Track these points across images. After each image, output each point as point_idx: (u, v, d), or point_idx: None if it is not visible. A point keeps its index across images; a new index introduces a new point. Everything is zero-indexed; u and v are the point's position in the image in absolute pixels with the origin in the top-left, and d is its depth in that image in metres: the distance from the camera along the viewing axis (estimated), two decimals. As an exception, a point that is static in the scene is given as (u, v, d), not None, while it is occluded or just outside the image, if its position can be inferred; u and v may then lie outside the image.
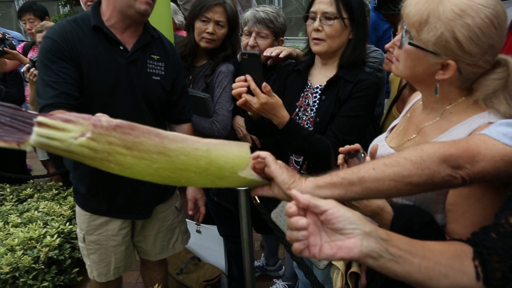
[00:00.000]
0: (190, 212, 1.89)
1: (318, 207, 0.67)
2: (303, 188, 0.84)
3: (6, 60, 3.11)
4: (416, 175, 0.79)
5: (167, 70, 1.60)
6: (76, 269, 2.55)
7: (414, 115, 1.15)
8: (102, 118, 0.73)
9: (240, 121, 2.07)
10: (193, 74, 2.02)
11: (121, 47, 1.48)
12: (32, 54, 3.36)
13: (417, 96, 1.22)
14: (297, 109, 1.60)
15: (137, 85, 1.51)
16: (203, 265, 2.41)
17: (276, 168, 0.86)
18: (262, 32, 1.91)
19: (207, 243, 2.37)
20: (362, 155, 1.08)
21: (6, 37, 3.09)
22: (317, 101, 1.56)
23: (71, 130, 0.72)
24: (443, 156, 0.78)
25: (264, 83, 1.28)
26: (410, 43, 0.95)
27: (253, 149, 2.27)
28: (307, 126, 1.54)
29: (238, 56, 2.15)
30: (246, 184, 0.89)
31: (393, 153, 0.90)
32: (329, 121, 1.50)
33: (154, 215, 1.74)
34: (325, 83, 1.54)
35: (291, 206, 0.68)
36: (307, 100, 1.59)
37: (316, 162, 1.52)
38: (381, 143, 1.19)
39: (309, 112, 1.57)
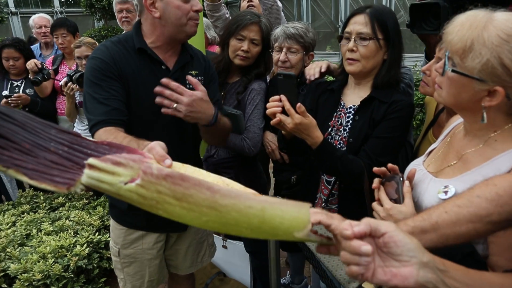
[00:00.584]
0: None
1: (378, 230, 0.65)
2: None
3: (46, 84, 3.29)
4: (495, 213, 0.75)
5: (206, 83, 1.63)
6: (103, 279, 2.59)
7: (454, 140, 1.12)
8: (153, 165, 0.73)
9: (269, 136, 2.08)
10: (225, 91, 2.05)
11: (163, 67, 1.52)
12: (63, 67, 3.50)
13: (456, 120, 1.19)
14: (329, 129, 1.59)
15: None
16: (228, 281, 2.40)
17: (335, 223, 0.81)
18: (292, 47, 1.94)
19: (233, 259, 2.36)
20: (401, 179, 1.06)
21: (44, 66, 3.25)
22: (350, 121, 1.54)
23: (121, 174, 0.72)
24: None
25: (299, 104, 1.30)
26: (453, 71, 0.93)
27: (282, 165, 2.25)
28: (339, 146, 1.53)
29: (268, 75, 2.18)
30: (303, 241, 0.87)
31: (462, 192, 0.85)
32: (363, 142, 1.49)
33: (188, 228, 1.75)
34: (358, 103, 1.53)
35: (347, 228, 0.66)
36: (340, 120, 1.58)
37: (349, 183, 1.51)
38: (418, 167, 1.16)
39: (342, 132, 1.56)
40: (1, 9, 6.54)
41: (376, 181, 1.11)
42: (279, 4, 2.60)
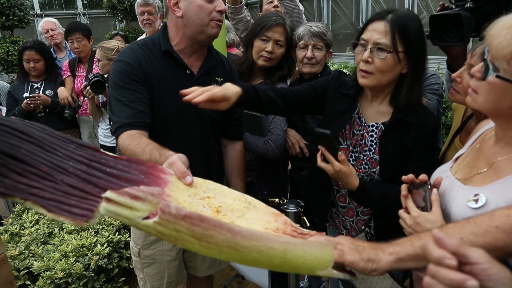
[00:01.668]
0: None
1: (467, 257, 0.61)
2: (385, 266, 0.78)
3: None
4: (511, 246, 0.73)
5: None
6: (123, 278, 2.62)
7: (484, 147, 1.08)
8: (172, 204, 0.71)
9: (290, 132, 2.08)
10: None
11: (188, 71, 1.52)
12: (80, 71, 3.54)
13: (485, 126, 1.14)
14: (351, 147, 1.49)
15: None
16: (246, 284, 2.39)
17: (351, 259, 0.80)
18: (318, 45, 2.03)
19: (252, 262, 2.35)
20: (429, 186, 1.03)
21: (75, 100, 3.33)
22: (376, 142, 1.43)
23: (139, 209, 0.71)
24: None
25: (340, 153, 1.31)
26: (498, 76, 0.88)
27: (300, 162, 2.20)
28: (367, 166, 1.45)
29: (289, 78, 2.18)
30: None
31: (481, 218, 0.81)
32: (396, 166, 1.41)
33: None
34: (379, 120, 1.43)
35: (450, 258, 0.60)
36: (363, 140, 1.46)
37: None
38: (445, 173, 1.12)
39: (368, 153, 1.45)
40: (27, 12, 6.70)
41: (404, 189, 1.08)
42: (301, 7, 2.58)
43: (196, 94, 1.24)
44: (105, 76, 2.94)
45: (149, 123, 1.41)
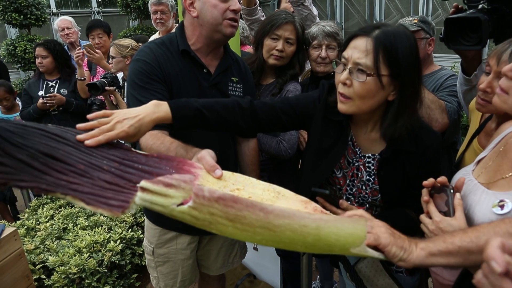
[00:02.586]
0: None
1: None
2: (415, 259, 0.79)
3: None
4: None
5: (245, 91, 1.62)
6: (135, 275, 2.64)
7: (509, 150, 1.03)
8: (205, 188, 0.73)
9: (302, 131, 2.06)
10: (259, 92, 2.04)
11: (205, 70, 1.51)
12: (98, 68, 3.59)
13: (509, 127, 1.11)
14: (347, 179, 1.34)
15: None
16: (258, 283, 2.39)
17: (385, 242, 0.80)
18: (331, 44, 2.02)
19: (264, 261, 2.35)
20: (452, 190, 1.00)
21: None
22: (374, 174, 1.29)
23: (173, 196, 0.73)
24: None
25: (341, 201, 1.22)
26: None
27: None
28: (365, 196, 1.33)
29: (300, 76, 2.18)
30: (358, 256, 0.85)
31: None
32: (399, 192, 1.29)
33: None
34: (375, 150, 1.28)
35: (501, 265, 0.58)
36: (359, 173, 1.31)
37: None
38: (467, 176, 1.09)
39: (367, 183, 1.31)
40: (44, 10, 6.80)
41: (425, 193, 1.04)
42: (315, 11, 2.55)
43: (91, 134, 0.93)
44: (112, 73, 2.97)
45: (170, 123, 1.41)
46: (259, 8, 2.71)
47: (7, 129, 0.76)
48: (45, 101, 3.20)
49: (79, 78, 3.38)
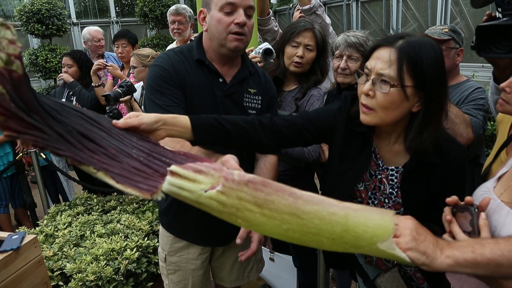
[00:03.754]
0: (238, 241, 1.58)
1: None
2: (438, 265, 0.75)
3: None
4: None
5: (263, 104, 1.62)
6: (151, 283, 2.65)
7: None
8: (235, 171, 0.73)
9: None
10: (281, 98, 2.07)
11: (221, 80, 1.53)
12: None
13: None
14: (369, 191, 1.32)
15: None
16: (273, 295, 2.36)
17: (405, 247, 0.76)
18: (353, 55, 2.01)
19: (280, 272, 2.33)
20: (476, 210, 0.95)
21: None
22: (398, 187, 1.26)
23: (202, 182, 0.73)
24: None
25: None
26: None
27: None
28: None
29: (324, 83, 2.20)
30: (384, 257, 0.80)
31: None
32: (422, 207, 1.26)
33: (234, 243, 1.73)
34: (398, 163, 1.26)
35: None
36: (382, 186, 1.29)
37: None
38: (489, 194, 1.03)
39: (390, 196, 1.29)
40: (65, 21, 6.97)
41: (447, 212, 0.99)
42: (327, 20, 2.56)
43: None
44: (128, 82, 3.01)
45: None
46: (272, 18, 2.73)
47: (47, 103, 0.80)
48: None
49: (94, 85, 3.50)
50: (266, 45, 2.14)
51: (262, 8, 2.59)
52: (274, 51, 2.08)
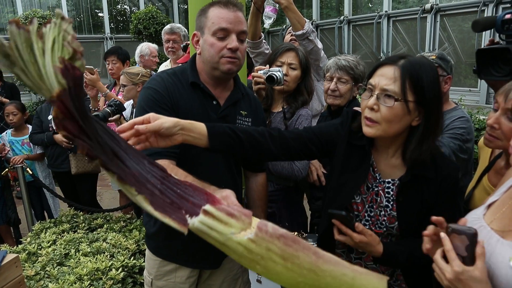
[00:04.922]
0: None
1: None
2: None
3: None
4: None
5: (254, 125, 1.64)
6: (136, 305, 2.58)
7: None
8: (269, 223, 0.75)
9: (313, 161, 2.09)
10: (270, 119, 2.10)
11: (214, 102, 1.54)
12: (113, 92, 3.66)
13: (524, 169, 1.09)
14: (366, 204, 1.37)
15: None
16: (261, 318, 2.31)
17: None
18: (342, 78, 2.07)
19: (267, 295, 2.29)
20: (476, 236, 0.92)
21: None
22: (393, 199, 1.32)
23: (233, 226, 0.74)
24: None
25: (356, 224, 1.25)
26: None
27: (317, 191, 2.19)
28: (383, 224, 1.35)
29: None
30: None
31: None
32: (416, 221, 1.30)
33: (222, 265, 1.71)
34: (394, 176, 1.33)
35: None
36: (378, 198, 1.34)
37: None
38: (478, 222, 1.04)
39: (385, 208, 1.34)
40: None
41: (428, 240, 0.99)
42: (319, 45, 2.61)
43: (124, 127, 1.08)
44: (117, 101, 2.98)
45: (177, 153, 1.41)
46: (264, 41, 2.77)
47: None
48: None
49: (92, 109, 3.33)
50: (277, 70, 1.97)
51: (253, 32, 2.63)
52: (279, 80, 1.95)
